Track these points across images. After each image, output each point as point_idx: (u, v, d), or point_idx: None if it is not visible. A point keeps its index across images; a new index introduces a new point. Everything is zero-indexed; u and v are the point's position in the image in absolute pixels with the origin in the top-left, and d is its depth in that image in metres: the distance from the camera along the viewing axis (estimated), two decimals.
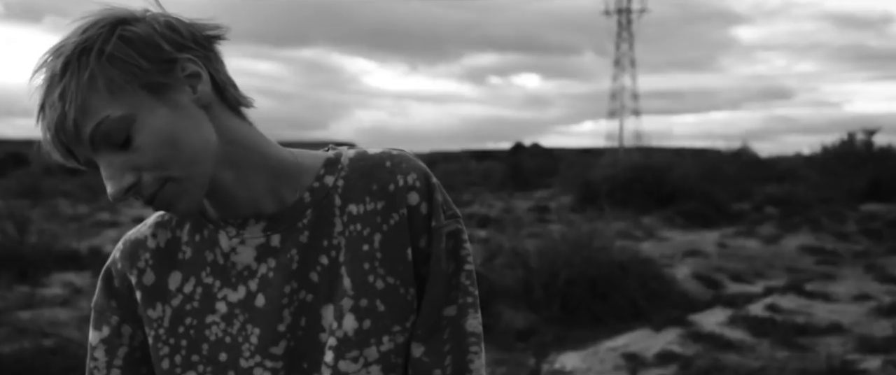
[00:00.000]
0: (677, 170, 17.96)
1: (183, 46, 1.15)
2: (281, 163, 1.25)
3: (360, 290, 1.22)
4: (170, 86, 1.14)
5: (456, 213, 1.27)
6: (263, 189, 1.24)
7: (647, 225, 14.63)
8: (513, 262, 8.55)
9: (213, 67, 1.19)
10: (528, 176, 26.32)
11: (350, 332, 1.22)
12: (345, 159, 1.28)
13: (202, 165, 1.16)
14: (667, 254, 11.31)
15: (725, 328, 7.19)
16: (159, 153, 1.12)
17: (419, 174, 1.24)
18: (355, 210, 1.24)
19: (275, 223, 1.24)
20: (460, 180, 26.41)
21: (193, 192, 1.17)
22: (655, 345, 6.76)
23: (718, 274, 10.25)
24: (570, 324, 7.83)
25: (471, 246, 1.29)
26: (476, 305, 1.25)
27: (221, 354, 1.25)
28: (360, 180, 1.25)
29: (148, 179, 1.13)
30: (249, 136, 1.23)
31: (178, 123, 1.13)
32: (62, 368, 5.90)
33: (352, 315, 1.22)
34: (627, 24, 67.13)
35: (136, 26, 1.12)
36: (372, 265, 1.22)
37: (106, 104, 1.09)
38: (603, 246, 8.50)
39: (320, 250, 1.24)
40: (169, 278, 1.29)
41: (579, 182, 18.44)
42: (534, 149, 37.94)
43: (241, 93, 1.24)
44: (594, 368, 6.37)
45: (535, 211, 17.26)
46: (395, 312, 1.22)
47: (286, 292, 1.23)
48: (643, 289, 8.32)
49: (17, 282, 9.38)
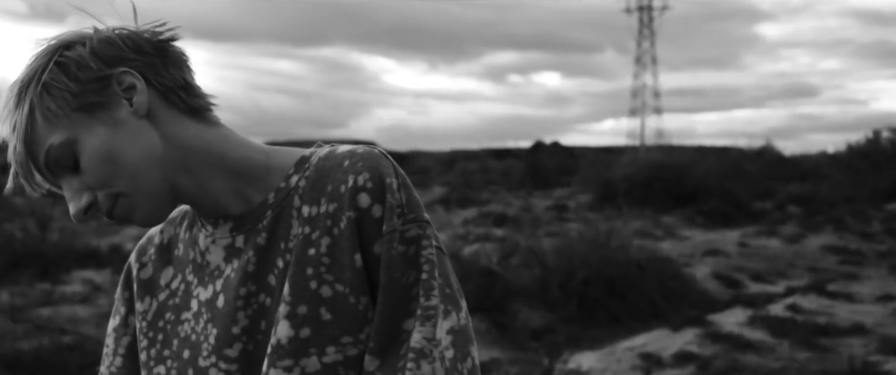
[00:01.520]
0: (698, 168, 17.82)
1: (119, 60, 1.16)
2: (244, 163, 1.23)
3: (298, 297, 1.16)
4: (105, 104, 1.15)
5: (419, 217, 1.16)
6: (226, 190, 1.22)
7: (667, 224, 14.52)
8: (529, 261, 8.51)
9: (158, 73, 1.18)
10: (548, 174, 26.22)
11: (283, 340, 1.15)
12: (314, 158, 1.23)
13: (146, 176, 1.17)
14: (686, 254, 11.23)
15: (745, 328, 7.12)
16: (101, 171, 1.15)
17: (372, 174, 1.16)
18: (308, 212, 1.18)
19: (240, 224, 1.23)
20: (479, 179, 26.37)
21: (145, 204, 1.19)
22: (673, 345, 6.70)
23: (739, 273, 10.16)
24: (586, 324, 7.78)
25: (436, 251, 1.16)
26: (433, 317, 1.13)
27: (186, 351, 1.25)
28: (318, 180, 1.19)
29: (101, 197, 1.17)
30: (203, 139, 1.21)
31: (115, 139, 1.15)
32: (80, 365, 5.93)
33: (286, 323, 1.15)
34: (649, 21, 66.82)
35: (73, 50, 1.15)
36: (317, 270, 1.16)
37: (47, 133, 1.14)
38: (620, 245, 8.44)
39: (278, 252, 1.20)
40: (162, 273, 1.31)
41: (598, 181, 18.35)
42: (554, 147, 37.82)
43: (195, 95, 1.22)
44: (611, 368, 6.32)
45: (554, 210, 17.18)
46: (343, 322, 1.14)
47: (242, 294, 1.20)
48: (661, 289, 8.26)
49: (38, 280, 9.45)
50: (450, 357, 1.13)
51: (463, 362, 1.15)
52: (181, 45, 1.22)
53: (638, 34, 67.06)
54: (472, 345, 1.18)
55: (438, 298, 1.14)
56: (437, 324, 1.13)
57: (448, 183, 24.68)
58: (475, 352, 1.18)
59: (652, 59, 68.20)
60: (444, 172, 30.75)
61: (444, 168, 33.31)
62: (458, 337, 1.15)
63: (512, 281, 8.16)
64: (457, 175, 26.87)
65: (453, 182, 24.50)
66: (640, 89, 66.47)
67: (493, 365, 6.47)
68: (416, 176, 30.68)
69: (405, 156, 45.93)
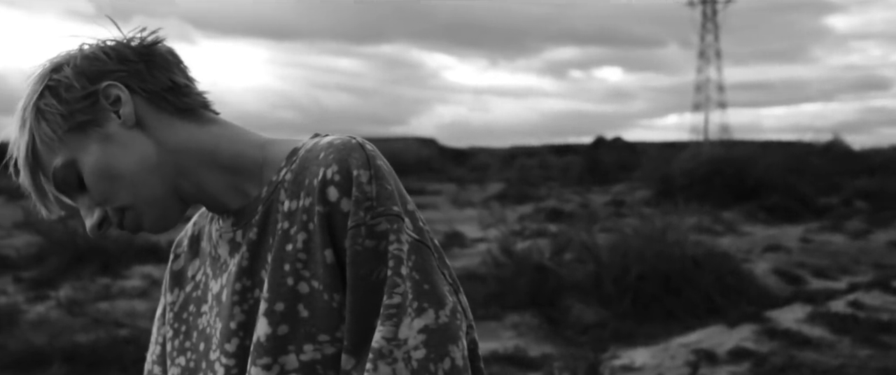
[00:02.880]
0: (760, 162, 17.47)
1: (103, 74, 1.16)
2: (237, 158, 1.22)
3: (275, 293, 1.14)
4: (95, 121, 1.17)
5: (388, 211, 1.11)
6: (223, 186, 1.22)
7: (728, 219, 14.28)
8: (583, 257, 8.42)
9: (142, 80, 1.18)
10: (607, 170, 25.99)
11: (262, 338, 1.14)
12: (302, 150, 1.19)
13: (145, 185, 1.18)
14: (746, 249, 11.01)
15: (804, 324, 6.95)
16: (101, 188, 1.17)
17: (340, 166, 1.11)
18: (287, 206, 1.16)
19: (238, 218, 1.23)
20: (537, 175, 26.23)
21: (150, 212, 1.20)
22: (729, 341, 6.57)
23: (800, 269, 9.93)
24: (641, 320, 7.67)
25: (410, 245, 1.11)
26: (395, 316, 1.07)
27: (202, 343, 1.26)
28: (299, 174, 1.16)
29: (109, 212, 1.19)
30: (195, 139, 1.20)
31: (108, 154, 1.16)
32: (135, 358, 6.02)
33: (264, 320, 1.14)
34: (712, 14, 65.79)
35: (61, 72, 1.17)
36: (293, 266, 1.14)
37: (49, 157, 1.17)
38: (676, 241, 8.30)
39: (267, 247, 1.19)
40: (191, 265, 1.33)
41: (657, 176, 18.11)
42: (615, 142, 37.47)
43: (184, 94, 1.21)
44: (664, 364, 6.22)
45: (612, 206, 17.02)
46: (320, 319, 1.12)
47: (237, 289, 1.20)
48: (719, 285, 8.10)
49: (99, 274, 9.64)
50: (419, 358, 1.07)
51: (438, 363, 1.07)
52: (228, 43, 1.21)
53: (701, 27, 66.09)
54: (454, 344, 1.09)
55: (406, 295, 1.09)
56: (400, 323, 1.07)
57: (506, 179, 24.60)
58: (457, 352, 1.09)
59: (716, 52, 67.03)
60: (502, 168, 30.64)
61: (504, 164, 33.20)
62: (434, 336, 1.08)
63: (565, 276, 8.09)
64: (515, 171, 26.76)
65: (511, 178, 24.41)
66: (704, 83, 65.51)
67: (545, 361, 6.41)
68: (476, 172, 30.66)
69: (465, 152, 45.90)
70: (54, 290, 8.91)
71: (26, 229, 11.78)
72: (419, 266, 1.11)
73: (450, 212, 16.73)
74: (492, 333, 7.20)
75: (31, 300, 8.61)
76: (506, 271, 8.23)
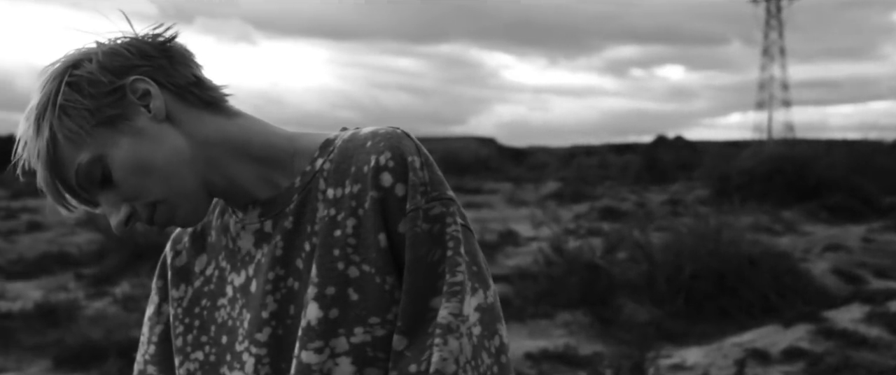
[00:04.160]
0: (823, 161, 17.10)
1: (128, 68, 1.16)
2: (268, 149, 1.23)
3: (325, 278, 1.16)
4: (124, 115, 1.16)
5: (442, 195, 1.16)
6: (253, 177, 1.23)
7: (788, 218, 14.00)
8: (636, 255, 8.34)
9: (168, 74, 1.19)
10: (666, 169, 25.67)
11: (313, 322, 1.16)
12: (339, 140, 1.23)
13: (178, 178, 1.18)
14: (806, 249, 10.79)
15: (861, 324, 6.79)
16: (134, 182, 1.17)
17: (394, 153, 1.15)
18: (332, 194, 1.19)
19: (268, 209, 1.24)
20: (595, 174, 26.02)
21: (183, 205, 1.20)
22: (783, 341, 6.45)
23: (860, 269, 9.69)
24: (694, 319, 7.57)
25: (461, 228, 1.16)
26: (459, 293, 1.12)
27: (224, 337, 1.26)
28: (342, 162, 1.20)
29: (139, 207, 1.18)
30: (223, 130, 1.22)
31: (141, 148, 1.16)
32: None
33: (315, 304, 1.16)
34: (777, 11, 64.68)
35: (81, 67, 1.16)
36: (343, 251, 1.16)
37: (73, 154, 1.15)
38: (731, 240, 8.17)
39: (304, 236, 1.20)
40: (197, 260, 1.33)
41: (716, 175, 17.83)
42: (676, 141, 36.99)
43: (208, 88, 1.22)
44: (716, 363, 6.13)
45: (668, 205, 16.81)
46: (371, 302, 1.15)
47: (270, 278, 1.21)
48: (775, 284, 7.95)
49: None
50: (477, 334, 1.12)
51: (490, 339, 1.14)
52: (289, 43, 1.22)
53: (765, 24, 65.07)
54: (501, 324, 1.17)
55: (465, 274, 1.13)
56: (464, 300, 1.12)
57: (563, 178, 24.47)
58: (503, 331, 1.16)
59: (780, 50, 65.88)
60: (560, 168, 30.48)
61: (562, 163, 33.03)
62: (486, 315, 1.15)
63: (617, 275, 8.02)
64: (572, 170, 26.60)
65: (568, 177, 24.27)
66: (768, 81, 64.45)
67: (596, 359, 6.36)
68: (533, 171, 30.52)
69: (524, 152, 45.73)
70: (113, 287, 9.10)
71: (88, 227, 12.06)
72: (468, 248, 1.17)
73: (505, 211, 16.69)
74: (543, 331, 7.17)
75: (91, 296, 8.82)
76: (557, 269, 8.19)
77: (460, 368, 1.09)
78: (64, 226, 13.62)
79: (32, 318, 7.53)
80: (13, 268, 10.49)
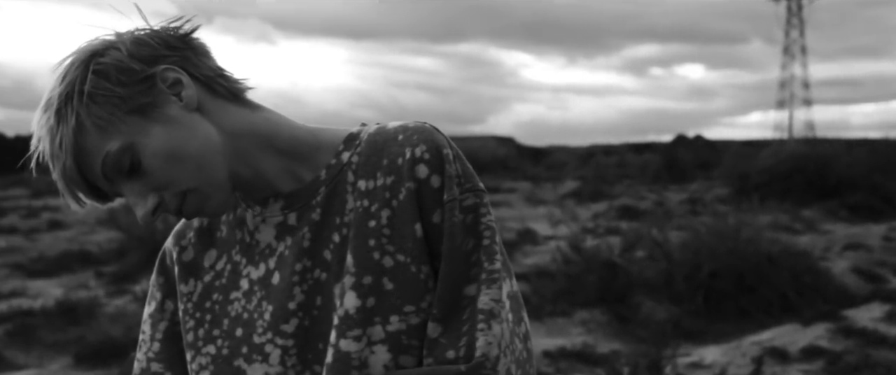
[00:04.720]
0: (843, 160, 16.98)
1: (156, 58, 1.16)
2: (293, 142, 1.24)
3: (362, 267, 1.17)
4: (155, 104, 1.15)
5: (476, 187, 1.19)
6: (278, 170, 1.24)
7: (807, 217, 13.91)
8: (654, 254, 8.31)
9: (195, 65, 1.19)
10: (685, 168, 25.55)
11: (351, 310, 1.17)
12: (364, 134, 1.25)
13: (211, 167, 1.18)
14: (826, 248, 10.73)
15: (881, 323, 6.75)
16: (166, 171, 1.15)
17: (429, 146, 1.18)
18: (364, 186, 1.20)
19: (291, 201, 1.24)
20: (614, 173, 25.93)
21: (215, 195, 1.19)
22: (802, 340, 6.42)
23: (881, 268, 9.62)
24: (713, 317, 7.54)
25: (493, 220, 1.20)
26: (498, 281, 1.16)
27: (238, 329, 1.26)
28: (373, 155, 1.21)
29: (168, 197, 1.17)
30: (251, 122, 1.22)
31: (174, 137, 1.15)
32: None
33: (353, 293, 1.17)
34: (798, 9, 64.26)
35: (107, 56, 1.14)
36: (378, 241, 1.18)
37: (102, 142, 1.13)
38: (750, 238, 8.13)
39: (332, 227, 1.21)
40: (205, 255, 1.32)
41: (736, 173, 17.74)
42: (696, 141, 36.82)
43: (232, 80, 1.23)
44: (735, 361, 6.11)
45: (687, 204, 16.74)
46: (405, 291, 1.17)
47: (297, 270, 1.22)
48: (794, 283, 7.91)
49: None
50: (511, 320, 1.17)
51: (518, 326, 1.20)
52: (308, 43, 1.23)
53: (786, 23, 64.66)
54: (524, 311, 1.22)
55: (502, 262, 1.18)
56: (501, 288, 1.16)
57: (581, 177, 24.41)
58: (526, 318, 1.22)
59: (801, 48, 65.42)
60: (579, 167, 30.39)
61: (581, 162, 32.93)
62: (514, 303, 1.20)
63: (636, 273, 8.00)
64: (591, 169, 26.52)
65: (586, 176, 24.20)
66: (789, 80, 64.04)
67: (614, 357, 6.35)
68: (552, 170, 30.46)
69: (542, 151, 45.65)
70: (133, 284, 9.17)
71: (108, 225, 12.15)
72: (499, 238, 1.22)
73: (523, 210, 16.67)
74: (561, 329, 7.17)
75: (111, 294, 8.88)
76: (575, 268, 8.18)
77: (502, 352, 1.13)
78: (84, 225, 13.73)
79: (53, 316, 7.60)
80: (34, 266, 10.59)
